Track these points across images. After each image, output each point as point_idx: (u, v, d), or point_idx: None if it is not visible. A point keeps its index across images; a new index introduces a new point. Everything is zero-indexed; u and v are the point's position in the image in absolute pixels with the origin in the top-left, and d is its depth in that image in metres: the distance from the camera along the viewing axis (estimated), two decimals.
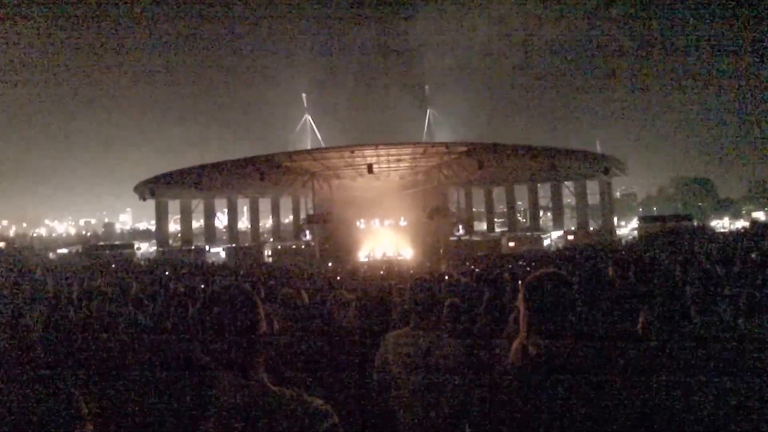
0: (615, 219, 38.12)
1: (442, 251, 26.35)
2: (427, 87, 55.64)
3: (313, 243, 28.88)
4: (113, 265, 19.74)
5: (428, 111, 51.01)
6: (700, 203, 68.06)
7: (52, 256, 31.95)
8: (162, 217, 33.95)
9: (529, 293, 1.57)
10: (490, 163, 24.12)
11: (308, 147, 37.30)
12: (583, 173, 30.36)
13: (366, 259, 26.72)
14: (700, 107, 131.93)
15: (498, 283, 4.50)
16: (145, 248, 45.58)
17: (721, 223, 52.06)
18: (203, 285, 8.70)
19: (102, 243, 47.29)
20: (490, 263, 17.61)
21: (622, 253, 15.78)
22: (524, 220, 43.44)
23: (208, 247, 33.53)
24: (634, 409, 1.41)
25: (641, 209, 73.47)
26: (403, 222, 28.79)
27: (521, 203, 41.58)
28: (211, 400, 1.14)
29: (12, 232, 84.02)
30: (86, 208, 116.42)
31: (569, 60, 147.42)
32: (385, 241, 28.79)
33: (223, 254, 32.41)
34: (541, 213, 38.42)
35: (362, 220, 29.06)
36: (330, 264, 22.40)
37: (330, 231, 28.33)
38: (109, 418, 2.22)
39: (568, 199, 38.37)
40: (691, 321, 2.55)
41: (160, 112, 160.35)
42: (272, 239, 37.08)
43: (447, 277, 8.85)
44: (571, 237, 31.79)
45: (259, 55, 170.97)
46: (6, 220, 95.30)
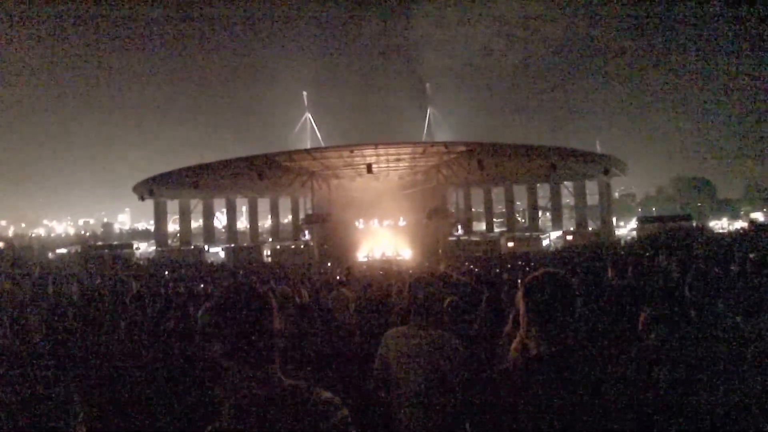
0: (614, 219, 38.13)
1: (440, 251, 26.36)
2: (428, 85, 55.34)
3: (312, 243, 28.88)
4: (112, 265, 19.72)
5: (428, 110, 50.90)
6: (699, 204, 68.09)
7: (51, 256, 31.88)
8: (161, 218, 33.92)
9: (529, 292, 1.57)
10: (490, 162, 24.12)
11: (308, 147, 37.21)
12: (582, 173, 30.37)
13: (365, 260, 26.73)
14: (700, 107, 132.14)
15: (497, 282, 4.51)
16: (144, 248, 45.53)
17: (720, 224, 52.14)
18: (211, 285, 8.68)
19: (101, 243, 47.23)
20: (489, 263, 17.64)
21: (621, 253, 15.81)
22: (523, 220, 43.38)
23: (206, 247, 33.50)
24: (635, 408, 1.42)
25: (640, 209, 73.47)
26: (402, 222, 28.80)
27: (520, 203, 41.56)
28: (226, 393, 1.18)
29: (11, 232, 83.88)
30: (85, 209, 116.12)
31: (569, 60, 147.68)
32: (384, 241, 28.79)
33: (222, 254, 32.42)
34: (540, 213, 38.40)
35: (361, 220, 29.06)
36: (329, 264, 22.39)
37: (329, 231, 28.30)
38: (109, 418, 2.22)
39: (567, 200, 38.40)
40: (691, 321, 2.56)
41: (159, 112, 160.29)
42: (271, 239, 37.04)
43: (446, 276, 8.85)
44: (569, 237, 31.82)
45: (259, 55, 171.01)
46: (5, 220, 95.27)
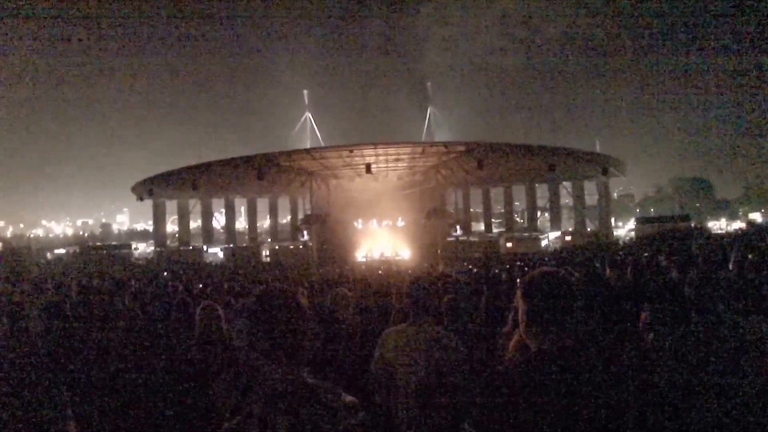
0: (612, 220, 38.17)
1: (439, 252, 26.36)
2: (429, 83, 55.15)
3: (310, 243, 28.87)
4: (111, 265, 19.72)
5: (429, 109, 50.84)
6: (698, 204, 68.14)
7: (50, 256, 31.90)
8: (159, 218, 33.89)
9: (528, 291, 1.58)
10: (489, 162, 24.13)
11: (308, 146, 37.21)
12: (581, 174, 30.40)
13: (364, 260, 26.72)
14: (698, 108, 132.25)
15: (496, 282, 4.52)
16: (143, 249, 45.52)
17: (718, 224, 52.20)
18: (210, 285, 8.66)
19: (99, 243, 47.25)
20: (487, 264, 17.65)
21: (620, 253, 15.82)
22: (522, 220, 43.42)
23: (205, 248, 33.50)
24: (634, 407, 1.42)
25: (638, 210, 73.51)
26: (401, 222, 28.79)
27: (519, 204, 41.58)
28: (256, 388, 1.24)
29: (9, 233, 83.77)
30: (83, 209, 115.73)
31: (569, 60, 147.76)
32: (383, 241, 28.77)
33: (221, 254, 32.42)
34: (539, 214, 38.43)
35: (360, 220, 29.03)
36: (328, 264, 22.39)
37: (328, 231, 28.28)
38: (106, 418, 2.22)
39: (566, 200, 38.42)
40: (691, 320, 2.57)
41: (158, 112, 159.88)
42: (270, 240, 37.03)
43: (445, 276, 8.85)
44: (568, 238, 31.84)
45: (260, 54, 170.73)
46: (3, 221, 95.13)
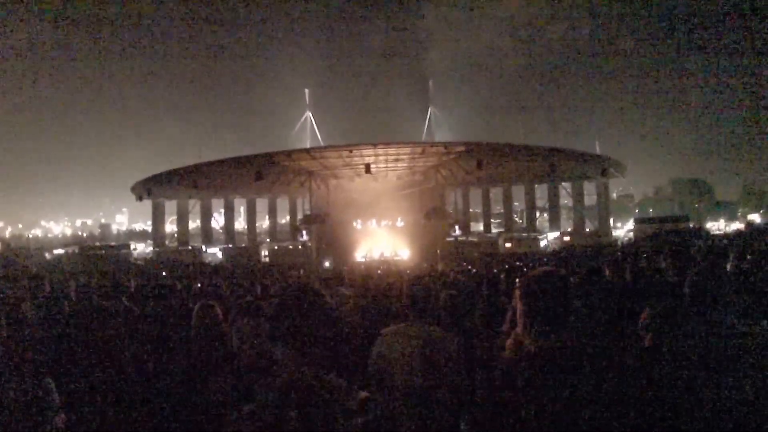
0: (611, 220, 38.22)
1: (438, 252, 26.33)
2: (431, 82, 54.85)
3: (310, 243, 28.85)
4: (109, 265, 19.70)
5: (429, 109, 50.72)
6: (697, 205, 68.19)
7: (49, 256, 31.85)
8: (158, 218, 33.89)
9: (527, 290, 1.58)
10: (489, 162, 24.13)
11: (308, 146, 37.17)
12: (580, 174, 30.43)
13: (363, 260, 26.70)
14: (698, 109, 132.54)
15: (495, 282, 4.51)
16: (142, 249, 45.48)
17: (717, 225, 52.25)
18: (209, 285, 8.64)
19: (98, 243, 47.21)
20: (486, 263, 17.66)
21: (618, 254, 15.83)
22: (521, 221, 43.44)
23: (204, 248, 33.49)
24: (632, 406, 1.42)
25: (638, 210, 73.58)
26: (400, 223, 28.77)
27: (518, 204, 41.61)
28: (274, 379, 1.26)
29: (8, 233, 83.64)
30: (83, 209, 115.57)
31: (570, 60, 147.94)
32: (383, 241, 28.76)
33: (220, 255, 32.42)
34: (538, 214, 38.46)
35: (359, 220, 29.01)
36: (327, 264, 22.38)
37: (327, 231, 28.25)
38: (102, 418, 2.22)
39: (565, 201, 38.45)
40: (690, 320, 2.57)
41: (158, 112, 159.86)
42: (269, 240, 37.03)
43: (444, 276, 8.86)
44: (567, 238, 31.87)
45: (260, 54, 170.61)
46: (2, 221, 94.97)
